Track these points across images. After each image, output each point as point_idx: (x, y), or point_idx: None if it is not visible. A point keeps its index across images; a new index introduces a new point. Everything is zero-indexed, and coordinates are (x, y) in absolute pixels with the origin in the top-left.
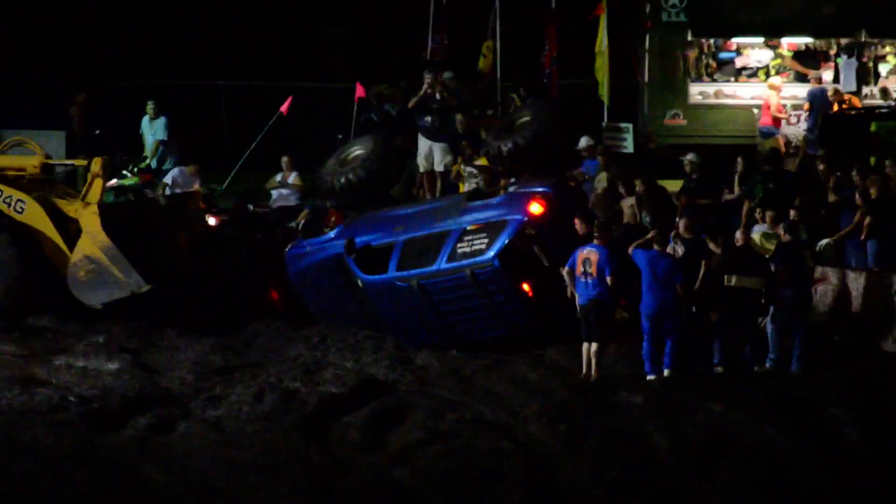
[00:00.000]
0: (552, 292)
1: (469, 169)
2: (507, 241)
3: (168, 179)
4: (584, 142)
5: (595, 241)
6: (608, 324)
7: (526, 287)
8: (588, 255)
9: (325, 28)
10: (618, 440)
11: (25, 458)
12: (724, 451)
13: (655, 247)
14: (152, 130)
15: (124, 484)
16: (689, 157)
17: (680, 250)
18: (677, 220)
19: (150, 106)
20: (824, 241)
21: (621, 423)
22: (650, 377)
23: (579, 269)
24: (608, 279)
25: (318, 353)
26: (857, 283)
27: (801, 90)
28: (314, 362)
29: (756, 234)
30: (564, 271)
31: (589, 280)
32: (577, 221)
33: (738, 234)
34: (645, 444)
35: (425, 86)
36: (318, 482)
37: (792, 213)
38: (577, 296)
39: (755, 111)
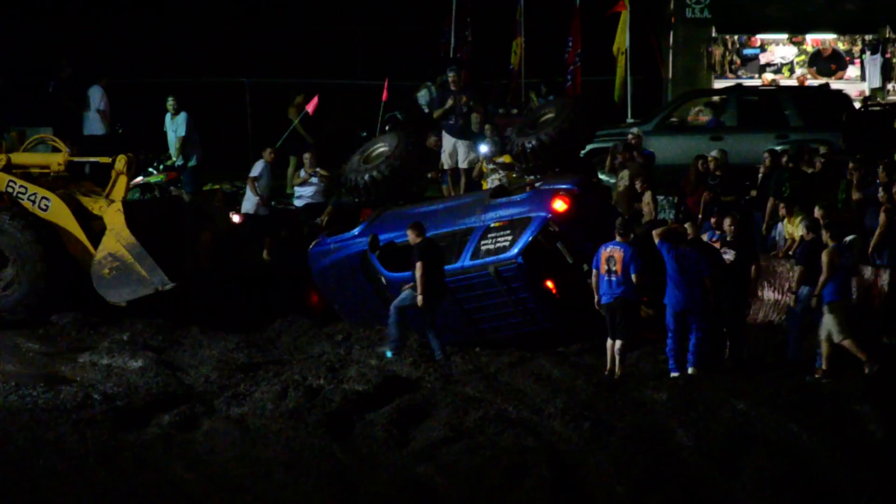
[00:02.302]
0: (576, 289)
1: (492, 166)
2: (531, 238)
3: (256, 173)
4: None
5: (617, 239)
6: (634, 321)
7: (550, 284)
8: (612, 253)
9: (349, 25)
10: (642, 437)
11: (50, 455)
12: (748, 448)
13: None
14: (174, 127)
15: (148, 481)
16: (714, 153)
17: (729, 256)
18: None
19: (170, 102)
20: (849, 238)
21: (645, 420)
22: (674, 374)
23: (603, 267)
24: (633, 277)
25: (342, 351)
26: (881, 280)
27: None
28: (338, 360)
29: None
30: (592, 274)
31: (613, 278)
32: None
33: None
34: (669, 441)
35: (451, 84)
36: (343, 479)
37: (817, 210)
38: (600, 294)
39: None
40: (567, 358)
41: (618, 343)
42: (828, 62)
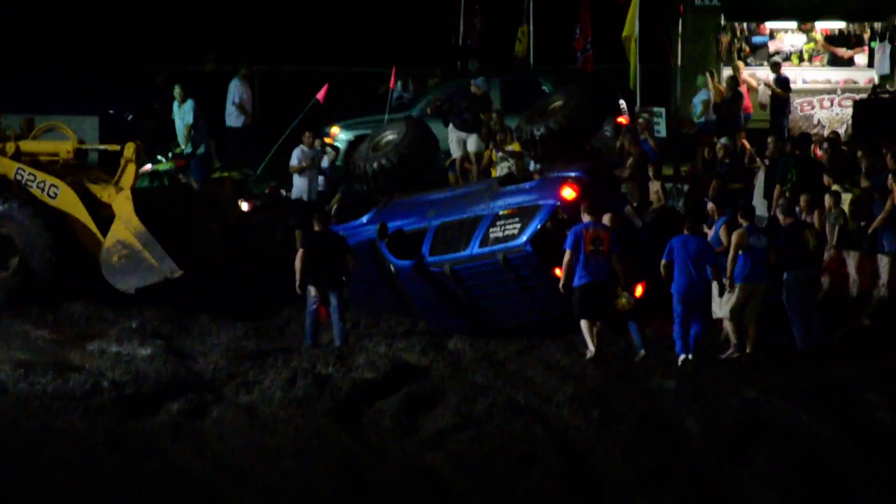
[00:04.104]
0: None
1: (501, 154)
2: (539, 226)
3: (295, 162)
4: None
5: (590, 219)
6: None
7: (558, 272)
8: (598, 234)
9: (358, 12)
10: (651, 425)
11: (59, 442)
12: (757, 437)
13: (685, 231)
14: (181, 115)
15: (157, 469)
16: (722, 140)
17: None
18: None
19: (176, 90)
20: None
21: (654, 408)
22: (681, 357)
23: (588, 247)
24: (615, 256)
25: (350, 339)
26: (887, 267)
27: (836, 74)
28: (347, 348)
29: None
30: (567, 255)
31: (601, 258)
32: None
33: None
34: (678, 429)
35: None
36: (351, 467)
37: (827, 198)
38: (582, 274)
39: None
40: (576, 346)
41: (599, 323)
42: (847, 39)
